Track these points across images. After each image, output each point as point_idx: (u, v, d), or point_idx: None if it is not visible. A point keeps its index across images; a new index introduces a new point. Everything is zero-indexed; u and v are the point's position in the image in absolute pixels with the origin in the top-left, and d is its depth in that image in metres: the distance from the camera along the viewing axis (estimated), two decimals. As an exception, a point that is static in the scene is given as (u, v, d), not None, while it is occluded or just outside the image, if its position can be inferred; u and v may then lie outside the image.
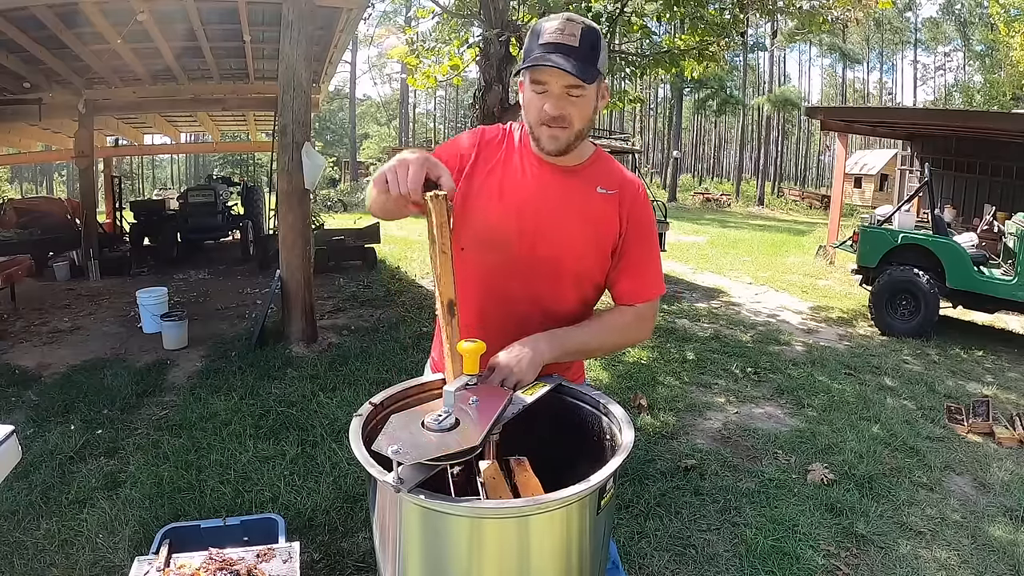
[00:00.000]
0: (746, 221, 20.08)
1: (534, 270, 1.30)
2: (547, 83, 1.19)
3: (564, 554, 0.93)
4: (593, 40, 1.19)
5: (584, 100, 1.21)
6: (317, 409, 3.70)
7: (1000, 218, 7.61)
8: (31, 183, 36.14)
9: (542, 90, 1.20)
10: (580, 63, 1.16)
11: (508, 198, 1.30)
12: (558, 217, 1.29)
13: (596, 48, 1.20)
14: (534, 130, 1.25)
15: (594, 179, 1.32)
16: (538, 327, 1.28)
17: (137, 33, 5.88)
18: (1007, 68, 23.81)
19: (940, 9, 36.19)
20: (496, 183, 1.32)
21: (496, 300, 1.33)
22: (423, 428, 0.94)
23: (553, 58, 1.16)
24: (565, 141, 1.24)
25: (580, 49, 1.17)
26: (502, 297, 1.32)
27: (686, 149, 44.24)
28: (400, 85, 35.46)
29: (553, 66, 1.15)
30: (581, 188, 1.31)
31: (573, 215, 1.30)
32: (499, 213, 1.30)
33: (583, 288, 1.35)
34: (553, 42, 1.17)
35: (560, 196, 1.30)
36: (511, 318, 1.31)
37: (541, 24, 1.22)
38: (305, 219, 5.06)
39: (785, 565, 2.41)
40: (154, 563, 1.66)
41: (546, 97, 1.20)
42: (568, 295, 1.34)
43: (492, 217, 1.30)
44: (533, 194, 1.30)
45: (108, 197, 11.21)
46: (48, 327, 5.56)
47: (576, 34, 1.17)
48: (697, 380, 4.56)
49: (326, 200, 18.92)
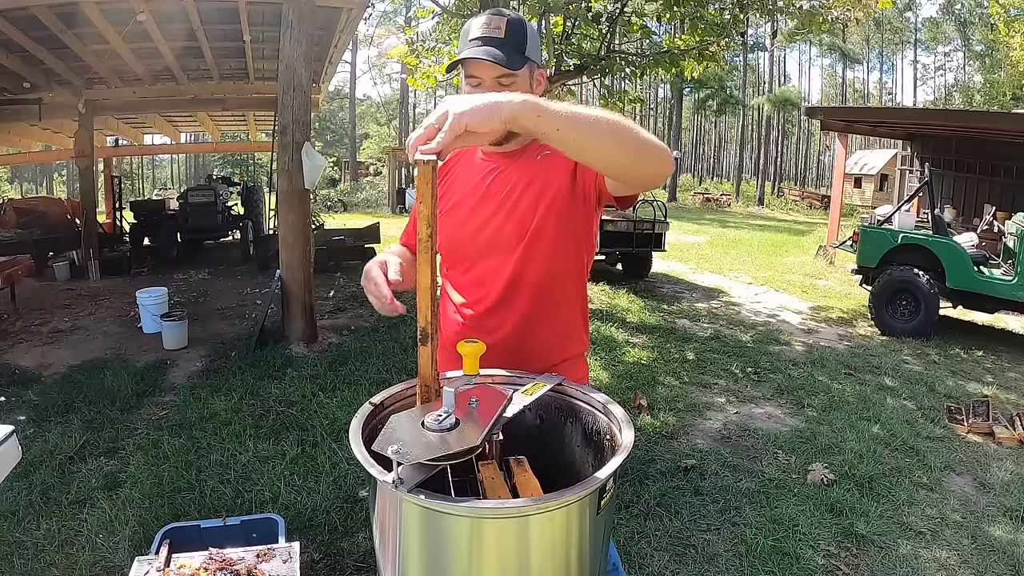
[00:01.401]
0: (746, 221, 20.08)
1: (505, 249, 1.32)
2: (479, 76, 1.24)
3: (564, 554, 0.93)
4: (518, 30, 1.24)
5: (516, 88, 1.23)
6: (317, 409, 3.70)
7: (1000, 218, 7.61)
8: (31, 183, 36.14)
9: (476, 83, 1.25)
10: (506, 50, 1.21)
11: (467, 196, 1.36)
12: (514, 202, 1.31)
13: (522, 37, 1.24)
14: None
15: (533, 150, 1.35)
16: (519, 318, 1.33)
17: (137, 33, 5.88)
18: (1007, 68, 23.82)
19: (940, 9, 36.20)
20: (457, 189, 1.38)
21: (483, 290, 1.36)
22: (423, 428, 0.94)
23: (479, 49, 1.21)
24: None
25: (506, 39, 1.22)
26: (488, 285, 1.36)
27: (686, 149, 44.23)
28: (400, 85, 35.47)
29: (477, 57, 1.20)
30: (526, 165, 1.34)
31: (528, 195, 1.31)
32: (461, 218, 1.36)
33: (561, 261, 1.33)
34: (480, 36, 1.23)
35: (511, 182, 1.33)
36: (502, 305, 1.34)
37: (470, 22, 1.27)
38: (305, 219, 5.06)
39: (785, 565, 2.41)
40: (154, 563, 1.66)
41: (479, 89, 1.24)
42: (549, 271, 1.33)
43: (456, 223, 1.36)
44: (486, 189, 1.34)
45: (108, 197, 11.21)
46: (48, 327, 5.56)
47: (502, 27, 1.23)
48: (697, 380, 4.56)
49: (326, 200, 18.94)
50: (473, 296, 1.38)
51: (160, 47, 6.48)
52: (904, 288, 5.99)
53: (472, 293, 1.38)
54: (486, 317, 1.36)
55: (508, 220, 1.31)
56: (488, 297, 1.36)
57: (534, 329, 1.34)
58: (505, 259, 1.33)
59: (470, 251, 1.37)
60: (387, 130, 41.13)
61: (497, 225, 1.32)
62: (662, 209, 8.82)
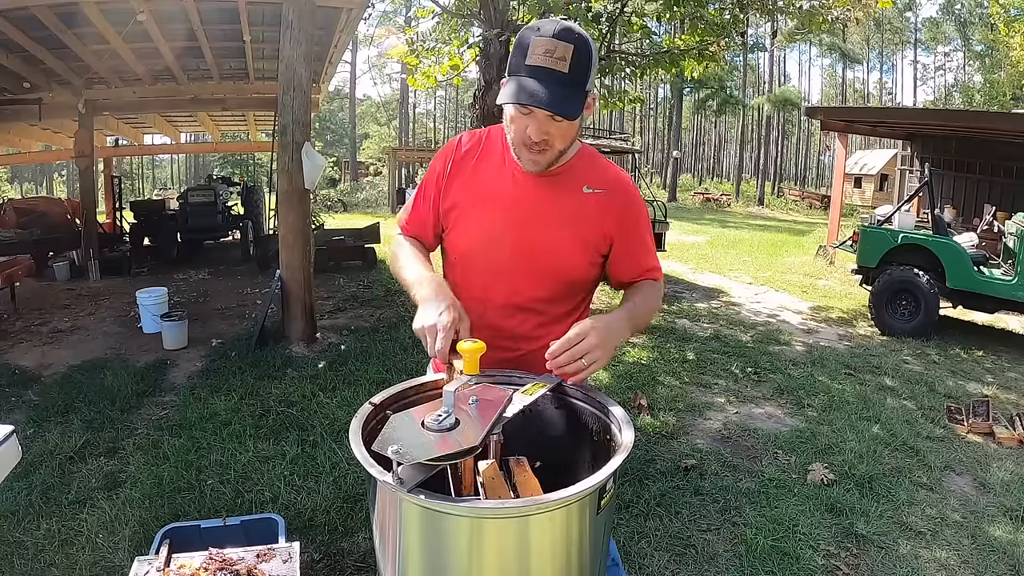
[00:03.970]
0: (746, 221, 20.08)
1: (524, 272, 1.30)
2: (532, 112, 1.14)
3: (564, 554, 0.93)
4: (583, 62, 1.10)
5: (567, 123, 1.17)
6: (317, 409, 3.70)
7: (1000, 218, 7.61)
8: (31, 183, 36.14)
9: (527, 112, 1.15)
10: (568, 90, 1.10)
11: (491, 204, 1.30)
12: (543, 219, 1.28)
13: (586, 69, 1.11)
14: (515, 149, 1.23)
15: (579, 178, 1.29)
16: (534, 326, 1.31)
17: (137, 33, 5.88)
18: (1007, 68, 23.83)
19: (940, 9, 36.20)
20: (477, 190, 1.31)
21: (491, 302, 1.33)
22: (423, 428, 0.94)
23: (534, 89, 1.09)
24: (546, 163, 1.22)
25: (570, 75, 1.09)
26: (497, 299, 1.33)
27: (686, 149, 44.24)
28: (400, 85, 35.46)
29: (537, 106, 1.10)
30: (566, 189, 1.29)
31: (558, 217, 1.28)
32: (482, 224, 1.30)
33: (575, 286, 1.35)
34: (541, 66, 1.09)
35: (545, 198, 1.28)
36: (507, 318, 1.33)
37: (530, 36, 1.12)
38: (305, 219, 5.06)
39: (785, 565, 2.41)
40: (154, 563, 1.66)
41: (529, 119, 1.15)
42: (561, 293, 1.34)
43: (477, 229, 1.31)
44: (516, 198, 1.28)
45: (108, 197, 11.20)
46: (48, 327, 5.56)
47: (566, 58, 1.08)
48: (697, 380, 4.56)
49: (326, 200, 18.94)
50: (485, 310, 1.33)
51: (160, 47, 6.48)
52: (904, 288, 5.99)
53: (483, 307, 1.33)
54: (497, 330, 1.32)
55: (543, 245, 1.28)
56: (501, 314, 1.33)
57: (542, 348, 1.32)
58: (525, 282, 1.31)
59: (491, 265, 1.31)
60: (387, 130, 41.11)
61: (531, 247, 1.28)
62: (662, 209, 8.82)
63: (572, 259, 1.30)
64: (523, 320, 1.33)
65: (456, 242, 1.35)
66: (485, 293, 1.33)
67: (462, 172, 1.32)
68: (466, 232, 1.32)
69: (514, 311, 1.33)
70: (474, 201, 1.31)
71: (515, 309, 1.33)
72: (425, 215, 1.37)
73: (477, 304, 1.31)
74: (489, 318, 1.31)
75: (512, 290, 1.32)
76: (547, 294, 1.32)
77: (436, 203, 1.34)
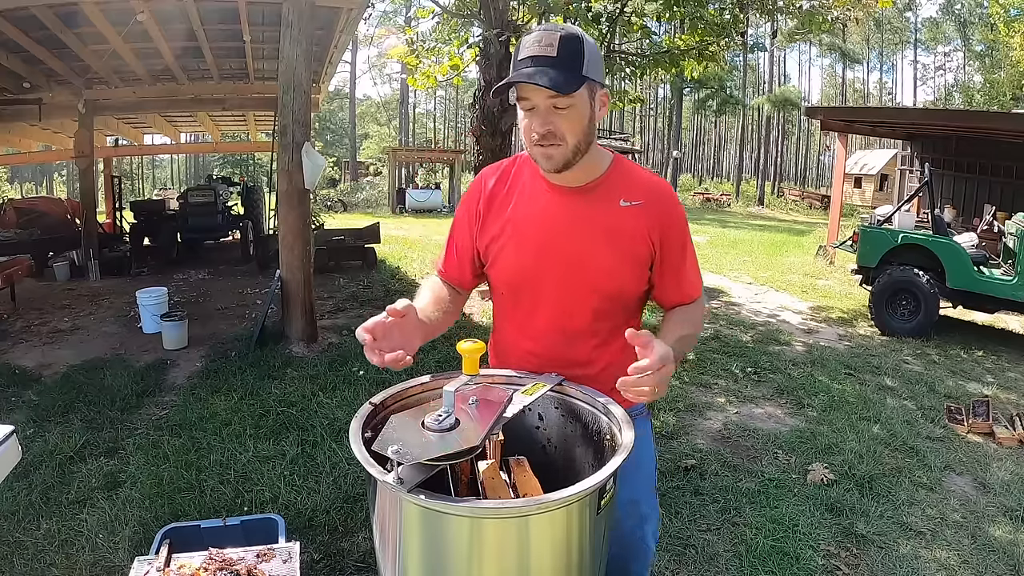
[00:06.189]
0: (746, 221, 20.08)
1: (570, 293, 1.30)
2: (531, 99, 1.15)
3: (564, 554, 0.93)
4: (573, 47, 1.13)
5: (574, 111, 1.16)
6: (317, 409, 3.70)
7: (1000, 218, 7.61)
8: (31, 183, 36.15)
9: (529, 107, 1.16)
10: (560, 72, 1.11)
11: (528, 236, 1.29)
12: (582, 238, 1.26)
13: (578, 55, 1.13)
14: (530, 152, 1.23)
15: (615, 192, 1.27)
16: (588, 349, 1.33)
17: (137, 33, 5.87)
18: (1007, 68, 23.84)
19: (940, 9, 36.23)
20: (513, 220, 1.30)
21: (541, 327, 1.33)
22: (423, 428, 0.94)
23: (527, 72, 1.11)
24: (561, 159, 1.19)
25: (559, 58, 1.11)
26: (547, 323, 1.33)
27: (686, 149, 44.24)
28: (400, 85, 35.47)
29: (526, 81, 1.11)
30: (602, 205, 1.27)
31: (595, 235, 1.26)
32: (523, 253, 1.29)
33: (622, 302, 1.34)
34: (530, 55, 1.12)
35: (581, 219, 1.26)
36: (560, 342, 1.33)
37: (522, 40, 1.17)
38: (305, 219, 5.06)
39: (785, 565, 2.41)
40: (154, 563, 1.66)
41: (533, 116, 1.17)
42: (609, 311, 1.33)
43: (517, 258, 1.30)
44: (552, 224, 1.27)
45: (108, 197, 11.20)
46: (48, 327, 5.56)
47: (553, 43, 1.11)
48: (697, 380, 4.56)
49: (326, 200, 18.93)
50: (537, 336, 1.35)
51: (160, 47, 6.48)
52: (904, 288, 5.99)
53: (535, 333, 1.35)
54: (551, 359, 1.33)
55: (587, 264, 1.27)
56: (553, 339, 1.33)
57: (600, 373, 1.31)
58: (572, 304, 1.30)
59: (537, 290, 1.31)
60: (387, 130, 41.14)
61: (574, 267, 1.27)
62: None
63: (616, 275, 1.29)
64: (575, 342, 1.33)
65: (500, 274, 1.35)
66: (535, 319, 1.34)
67: (493, 206, 1.33)
68: (507, 263, 1.32)
69: (565, 334, 1.33)
70: (512, 231, 1.30)
71: (566, 332, 1.33)
72: (461, 257, 1.37)
73: (529, 330, 1.34)
74: (543, 344, 1.33)
75: (560, 312, 1.31)
76: (595, 314, 1.31)
77: (471, 244, 1.35)
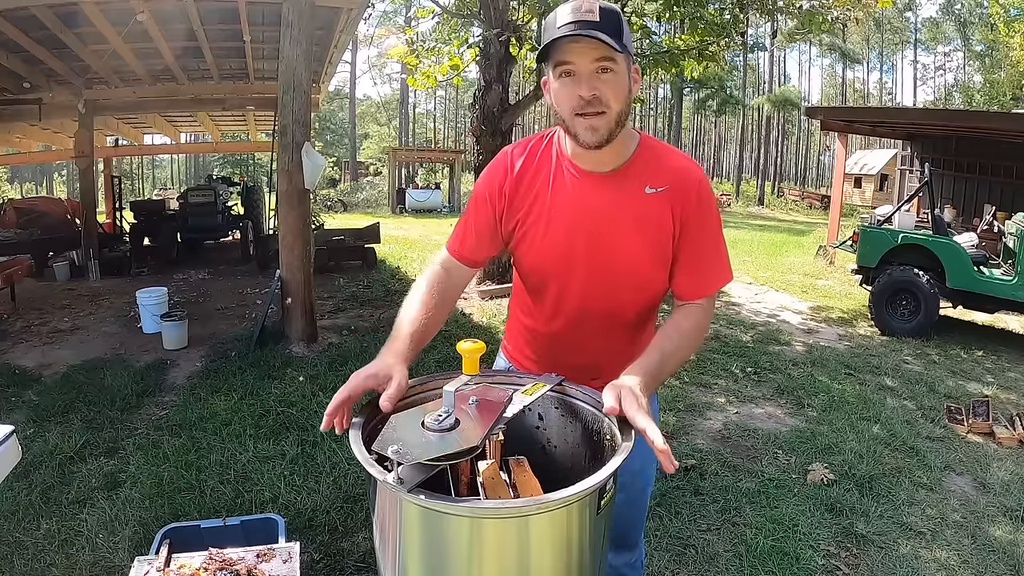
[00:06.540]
0: (746, 221, 20.07)
1: (597, 285, 1.29)
2: (574, 63, 1.10)
3: (564, 554, 0.93)
4: (614, 15, 1.10)
5: (618, 77, 1.12)
6: (317, 409, 3.70)
7: (1000, 218, 7.61)
8: (31, 183, 36.15)
9: (570, 71, 1.11)
10: (606, 34, 1.07)
11: (556, 222, 1.26)
12: (609, 230, 1.24)
13: (619, 22, 1.10)
14: (569, 125, 1.16)
15: (641, 178, 1.24)
16: (611, 337, 1.34)
17: (137, 33, 5.87)
18: (1007, 68, 23.84)
19: (940, 9, 36.22)
20: (541, 209, 1.27)
21: (569, 317, 1.34)
22: (423, 428, 0.94)
23: (575, 29, 1.08)
24: (605, 130, 1.14)
25: (603, 22, 1.08)
26: (574, 313, 1.33)
27: (686, 149, 44.23)
28: (400, 85, 35.48)
29: (580, 33, 1.06)
30: (629, 192, 1.23)
31: (624, 224, 1.24)
32: (550, 239, 1.28)
33: (648, 291, 1.33)
34: (571, 20, 1.08)
35: (609, 203, 1.24)
36: (587, 332, 1.34)
37: (555, 12, 1.13)
38: (305, 219, 5.06)
39: (785, 565, 2.41)
40: (154, 563, 1.66)
41: (575, 81, 1.12)
42: (635, 300, 1.33)
43: (544, 244, 1.29)
44: (580, 211, 1.25)
45: (108, 197, 11.20)
46: (48, 327, 5.56)
47: (594, 9, 1.08)
48: (697, 380, 4.56)
49: (326, 200, 18.94)
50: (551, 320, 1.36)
51: (160, 47, 6.48)
52: (904, 288, 5.99)
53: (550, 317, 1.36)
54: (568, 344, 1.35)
55: (613, 251, 1.25)
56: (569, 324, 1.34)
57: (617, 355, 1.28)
58: (597, 293, 1.30)
59: (560, 272, 1.30)
60: (387, 130, 41.14)
61: (600, 253, 1.26)
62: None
63: (645, 267, 1.27)
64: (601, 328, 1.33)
65: (524, 258, 1.33)
66: (560, 304, 1.33)
67: (521, 185, 1.29)
68: (535, 246, 1.30)
69: (593, 321, 1.33)
70: (540, 214, 1.27)
71: (594, 319, 1.33)
72: (480, 235, 1.32)
73: (551, 315, 1.35)
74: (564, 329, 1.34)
75: (588, 301, 1.31)
76: (623, 301, 1.31)
77: (493, 222, 1.31)
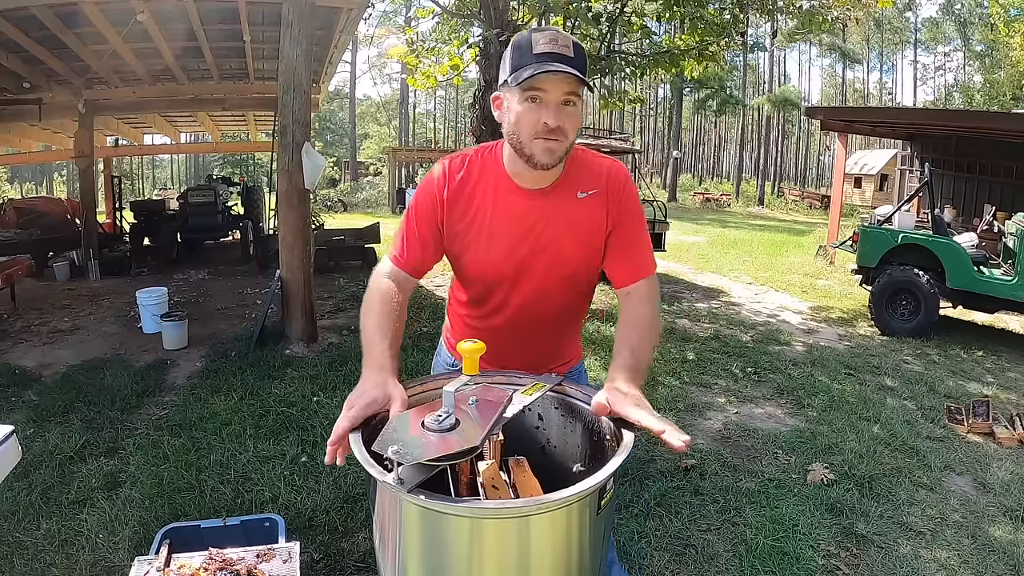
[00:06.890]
0: (746, 221, 20.08)
1: (536, 290, 1.37)
2: (547, 91, 1.17)
3: (564, 554, 0.93)
4: (581, 53, 1.20)
5: (577, 110, 1.21)
6: (317, 409, 3.70)
7: (1000, 218, 7.61)
8: (31, 183, 36.14)
9: (538, 98, 1.18)
10: (577, 70, 1.17)
11: (498, 237, 1.32)
12: (549, 241, 1.32)
13: (584, 62, 1.20)
14: (526, 146, 1.21)
15: (572, 186, 1.31)
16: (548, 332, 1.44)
17: (137, 33, 5.87)
18: (1007, 68, 23.85)
19: (940, 9, 36.21)
20: (483, 223, 1.32)
21: (508, 317, 1.40)
22: (423, 428, 0.94)
23: (557, 64, 1.15)
24: (560, 153, 1.22)
25: (575, 59, 1.17)
26: (513, 313, 1.40)
27: (686, 149, 44.24)
28: (400, 85, 35.47)
29: (560, 69, 1.13)
30: (564, 199, 1.31)
31: (562, 233, 1.32)
32: (492, 255, 1.34)
33: (584, 288, 1.42)
34: (550, 52, 1.16)
35: (546, 218, 1.31)
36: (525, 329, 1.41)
37: (527, 37, 1.19)
38: (305, 219, 5.06)
39: (785, 565, 2.41)
40: (154, 563, 1.66)
41: (542, 108, 1.18)
42: (571, 299, 1.42)
43: (487, 257, 1.34)
44: (523, 228, 1.31)
45: (108, 197, 11.20)
46: (48, 327, 5.56)
47: (569, 46, 1.17)
48: (697, 380, 4.56)
49: (326, 200, 18.94)
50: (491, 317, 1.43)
51: (160, 47, 6.48)
52: (904, 288, 5.99)
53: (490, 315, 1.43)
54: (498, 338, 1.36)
55: (551, 258, 1.33)
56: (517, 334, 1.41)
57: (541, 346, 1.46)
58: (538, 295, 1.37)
59: (502, 282, 1.37)
60: (387, 130, 41.12)
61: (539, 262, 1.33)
62: (662, 209, 8.82)
63: (582, 266, 1.36)
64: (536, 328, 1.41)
65: (466, 268, 1.38)
66: (500, 308, 1.40)
67: (461, 198, 1.32)
68: (475, 259, 1.35)
69: (525, 322, 1.40)
70: (480, 229, 1.32)
71: (526, 320, 1.40)
72: (424, 244, 1.34)
73: (494, 322, 1.41)
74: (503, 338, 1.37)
75: (525, 302, 1.38)
76: (557, 301, 1.39)
77: (436, 231, 1.34)
